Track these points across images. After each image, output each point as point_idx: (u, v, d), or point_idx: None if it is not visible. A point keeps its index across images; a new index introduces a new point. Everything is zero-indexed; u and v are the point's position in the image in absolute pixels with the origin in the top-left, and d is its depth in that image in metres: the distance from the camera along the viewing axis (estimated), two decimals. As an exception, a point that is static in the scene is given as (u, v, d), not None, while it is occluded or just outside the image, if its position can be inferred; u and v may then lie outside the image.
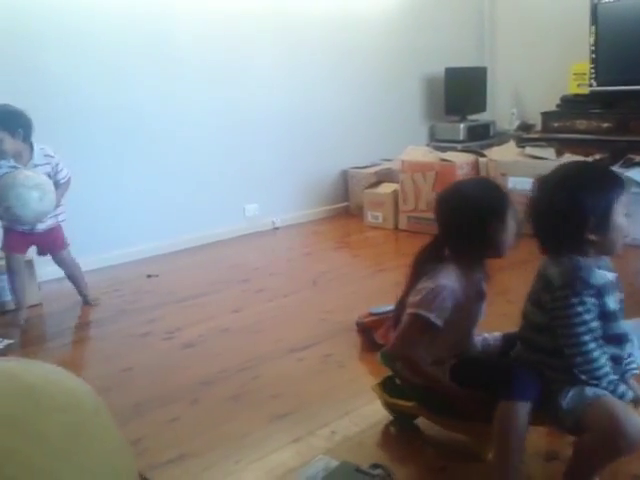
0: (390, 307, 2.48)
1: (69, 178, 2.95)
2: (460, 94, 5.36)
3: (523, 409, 1.42)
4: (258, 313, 2.88)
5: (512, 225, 1.59)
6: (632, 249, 3.10)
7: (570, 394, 1.42)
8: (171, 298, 3.13)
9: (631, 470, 1.58)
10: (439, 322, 1.57)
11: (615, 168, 3.71)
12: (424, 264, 1.66)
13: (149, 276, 3.45)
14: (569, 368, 1.42)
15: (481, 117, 5.56)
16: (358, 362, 2.35)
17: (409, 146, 4.62)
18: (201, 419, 2.00)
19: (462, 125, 5.31)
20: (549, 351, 1.48)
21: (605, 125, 4.61)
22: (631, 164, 3.71)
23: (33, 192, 2.68)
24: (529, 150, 4.13)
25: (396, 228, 4.36)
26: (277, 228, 4.51)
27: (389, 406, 1.89)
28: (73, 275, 3.09)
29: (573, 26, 5.01)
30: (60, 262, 3.03)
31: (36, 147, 2.85)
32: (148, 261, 3.73)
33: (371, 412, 1.95)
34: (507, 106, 5.59)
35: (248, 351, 2.46)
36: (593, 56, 4.86)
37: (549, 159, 4.00)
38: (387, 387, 1.87)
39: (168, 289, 3.28)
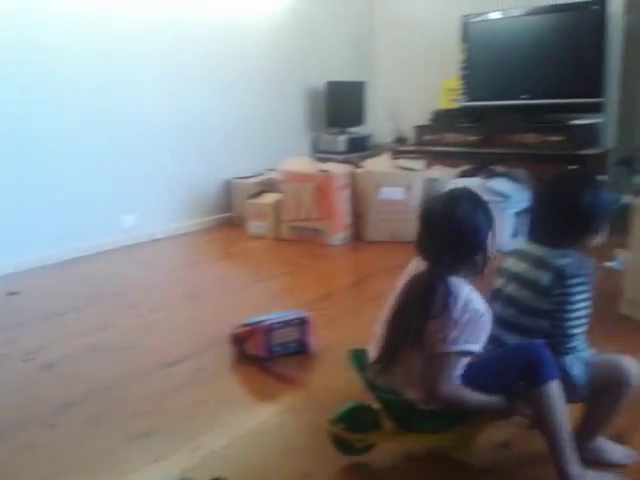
0: (264, 317, 2.50)
1: None
2: (340, 107, 5.52)
3: (559, 386, 1.50)
4: (128, 329, 2.78)
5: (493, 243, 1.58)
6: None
7: (575, 367, 1.58)
8: (33, 316, 2.94)
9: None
10: (480, 349, 1.51)
11: (479, 179, 3.98)
12: (425, 286, 1.52)
13: (9, 294, 3.22)
14: (561, 344, 1.59)
15: (360, 130, 5.75)
16: (229, 375, 2.33)
17: (290, 157, 4.68)
18: (59, 443, 1.90)
19: (342, 137, 5.46)
20: (544, 332, 1.60)
21: (472, 138, 4.93)
22: (493, 174, 3.99)
23: None
24: (401, 162, 4.32)
25: (278, 238, 4.39)
26: (157, 240, 4.39)
27: (355, 442, 1.70)
28: None
29: (445, 43, 5.33)
30: None
31: None
32: (11, 277, 3.49)
33: (237, 424, 1.95)
34: (384, 119, 5.83)
35: (115, 369, 2.37)
36: (463, 72, 5.19)
37: (418, 170, 4.21)
38: (348, 423, 1.70)
39: (31, 307, 3.08)
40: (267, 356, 2.38)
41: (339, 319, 2.84)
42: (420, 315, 1.50)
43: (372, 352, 1.65)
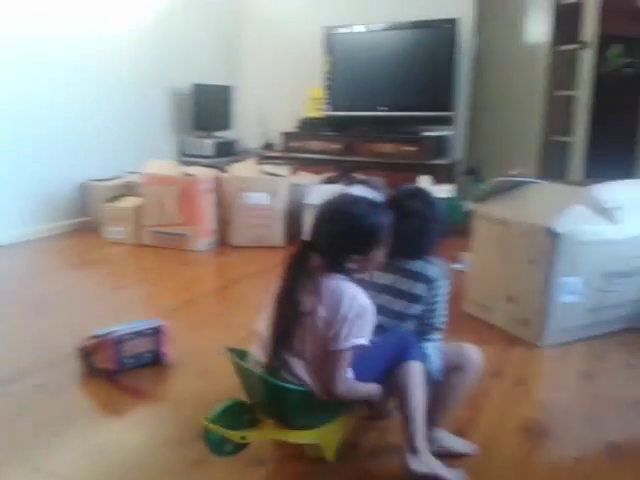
0: (114, 328, 2.37)
1: None
2: (207, 110, 5.44)
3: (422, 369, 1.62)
4: (-41, 345, 2.51)
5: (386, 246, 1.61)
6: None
7: (430, 349, 1.70)
8: None
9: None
10: (367, 342, 1.55)
11: (341, 185, 4.09)
12: (302, 279, 1.55)
13: None
14: (424, 334, 1.74)
15: (228, 134, 5.69)
16: (73, 390, 2.18)
17: (154, 159, 4.52)
18: None
19: (209, 141, 5.38)
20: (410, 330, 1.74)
21: (336, 146, 5.08)
22: (353, 181, 4.12)
23: None
24: (267, 167, 4.34)
25: (139, 244, 4.21)
26: None
27: (236, 440, 1.64)
28: None
29: (311, 52, 5.44)
30: None
31: None
32: None
33: (80, 443, 1.82)
34: (252, 125, 5.83)
35: (-60, 391, 2.13)
36: (328, 82, 5.33)
37: (284, 176, 4.25)
38: (225, 421, 1.62)
39: None
40: (117, 369, 2.25)
41: (200, 326, 2.77)
42: (297, 311, 1.53)
43: (259, 352, 1.61)
